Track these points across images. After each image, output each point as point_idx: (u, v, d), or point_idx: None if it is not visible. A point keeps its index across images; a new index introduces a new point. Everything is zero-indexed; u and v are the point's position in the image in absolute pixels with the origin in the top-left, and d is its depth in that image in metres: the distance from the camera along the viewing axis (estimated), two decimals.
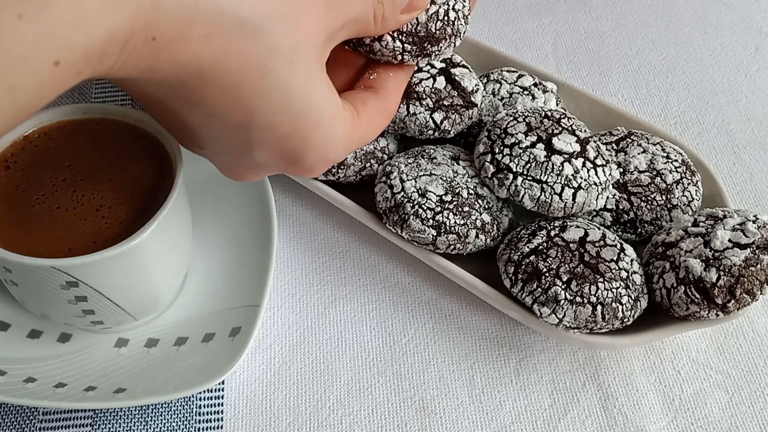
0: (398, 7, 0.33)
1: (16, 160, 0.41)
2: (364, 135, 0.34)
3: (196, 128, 0.29)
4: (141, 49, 0.24)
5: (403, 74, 0.38)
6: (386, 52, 0.36)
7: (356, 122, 0.33)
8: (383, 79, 0.36)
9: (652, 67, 0.68)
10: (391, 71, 0.37)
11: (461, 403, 0.47)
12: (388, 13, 0.32)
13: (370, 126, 0.34)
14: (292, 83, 0.27)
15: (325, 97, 0.29)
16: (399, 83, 0.37)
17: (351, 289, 0.52)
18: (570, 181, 0.47)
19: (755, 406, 0.47)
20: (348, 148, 0.33)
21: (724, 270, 0.43)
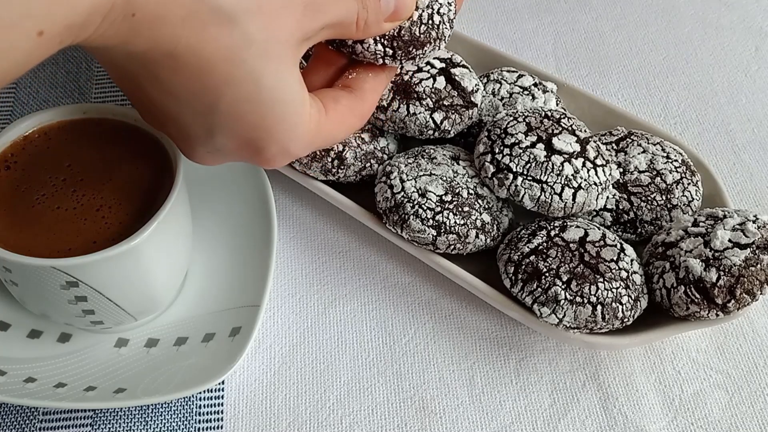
0: (382, 15, 0.33)
1: (16, 160, 0.41)
2: (332, 133, 0.34)
3: (162, 106, 0.30)
4: (120, 23, 0.24)
5: (383, 76, 0.38)
6: (368, 55, 0.36)
7: (324, 120, 0.33)
8: (361, 79, 0.36)
9: (652, 67, 0.68)
10: (370, 72, 0.37)
11: (461, 403, 0.47)
12: (372, 19, 0.32)
13: (339, 125, 0.34)
14: (263, 76, 0.28)
15: (293, 92, 0.30)
16: (377, 85, 0.37)
17: (351, 289, 0.52)
18: (570, 181, 0.47)
19: (755, 406, 0.47)
20: (312, 144, 0.33)
21: (724, 270, 0.43)
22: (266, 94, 0.28)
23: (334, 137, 0.34)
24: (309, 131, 0.32)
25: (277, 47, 0.28)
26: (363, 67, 0.37)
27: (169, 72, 0.27)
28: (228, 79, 0.27)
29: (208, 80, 0.27)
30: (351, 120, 0.35)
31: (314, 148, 0.34)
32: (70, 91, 0.63)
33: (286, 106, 0.30)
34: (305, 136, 0.32)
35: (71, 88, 0.63)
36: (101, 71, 0.65)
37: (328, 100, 0.34)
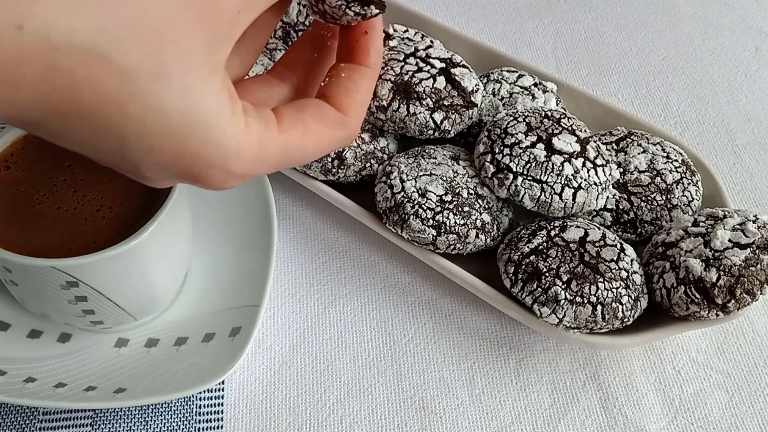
0: None
1: (16, 160, 0.41)
2: (299, 147, 0.29)
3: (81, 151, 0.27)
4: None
5: (361, 74, 0.32)
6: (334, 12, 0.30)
7: (274, 134, 0.28)
8: (335, 84, 0.31)
9: (652, 67, 0.68)
10: (343, 72, 0.32)
11: (461, 403, 0.47)
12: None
13: (306, 137, 0.30)
14: (165, 102, 0.24)
15: (213, 109, 0.26)
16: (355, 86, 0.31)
17: (351, 289, 0.52)
18: (570, 181, 0.47)
19: (755, 406, 0.47)
20: (264, 161, 0.28)
21: (724, 270, 0.43)
22: (177, 121, 0.25)
23: (303, 152, 0.30)
24: (250, 147, 0.27)
25: (175, 66, 0.24)
26: (336, 68, 0.32)
27: (60, 125, 0.24)
28: (122, 119, 0.24)
29: (102, 124, 0.24)
30: (322, 130, 0.30)
31: (274, 165, 0.29)
32: None
33: (209, 128, 0.26)
34: (246, 153, 0.27)
35: None
36: None
37: (288, 110, 0.30)
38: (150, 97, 0.24)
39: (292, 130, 0.29)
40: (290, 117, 0.29)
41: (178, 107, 0.25)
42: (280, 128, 0.29)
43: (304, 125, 0.29)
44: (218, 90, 0.26)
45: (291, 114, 0.30)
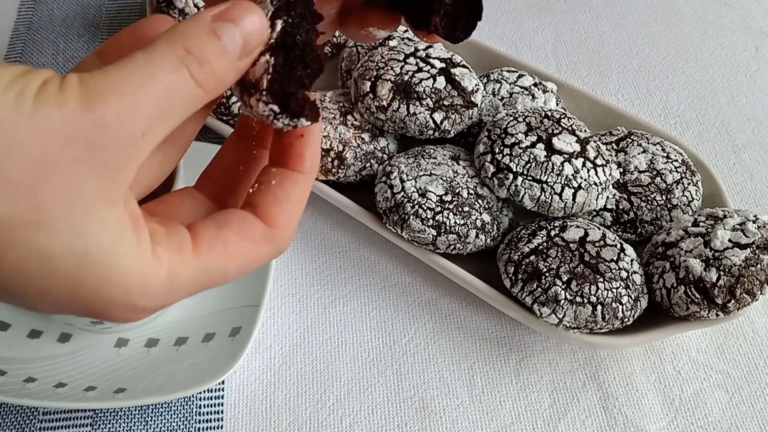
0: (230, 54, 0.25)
1: None
2: (216, 270, 0.26)
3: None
4: None
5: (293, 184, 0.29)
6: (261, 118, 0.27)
7: (187, 261, 0.26)
8: (263, 192, 0.28)
9: (652, 67, 0.68)
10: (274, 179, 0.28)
11: (461, 403, 0.47)
12: (219, 66, 0.24)
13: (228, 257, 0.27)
14: (49, 249, 0.22)
15: (111, 247, 0.23)
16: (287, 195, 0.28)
17: (351, 289, 0.52)
18: (570, 181, 0.47)
19: (755, 406, 0.47)
20: (175, 291, 0.26)
21: (724, 270, 0.43)
22: (66, 266, 0.23)
23: (224, 274, 0.27)
24: (158, 280, 0.25)
25: (60, 209, 0.22)
26: (266, 173, 0.29)
27: None
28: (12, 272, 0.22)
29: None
30: (246, 247, 0.27)
31: (190, 292, 0.27)
32: None
33: (106, 268, 0.23)
34: (154, 287, 0.25)
35: None
36: None
37: (207, 228, 0.27)
38: (30, 245, 0.22)
39: (211, 251, 0.26)
40: (209, 236, 0.26)
41: (66, 252, 0.23)
42: (197, 250, 0.26)
43: (224, 244, 0.26)
44: (117, 223, 0.24)
45: (210, 232, 0.26)
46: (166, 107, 0.23)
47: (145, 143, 0.23)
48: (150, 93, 0.23)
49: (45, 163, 0.21)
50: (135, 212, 0.25)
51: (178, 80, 0.23)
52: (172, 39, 0.24)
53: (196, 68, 0.24)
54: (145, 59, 0.23)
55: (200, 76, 0.24)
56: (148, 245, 0.25)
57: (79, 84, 0.22)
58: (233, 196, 0.31)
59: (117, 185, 0.23)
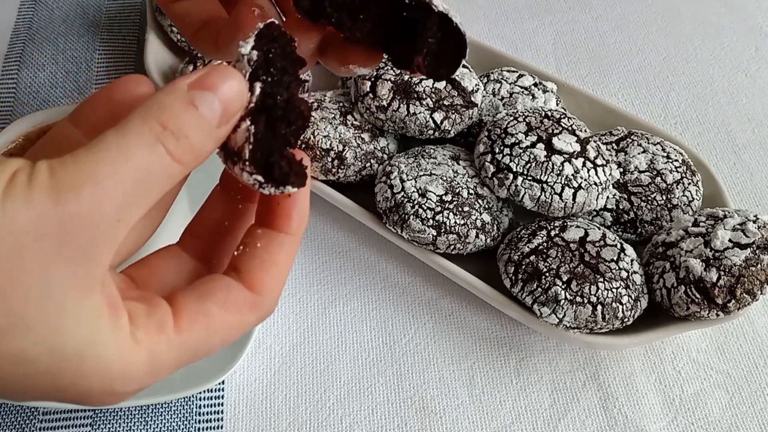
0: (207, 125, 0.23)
1: None
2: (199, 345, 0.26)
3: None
4: None
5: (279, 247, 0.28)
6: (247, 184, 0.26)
7: (168, 339, 0.25)
8: (249, 255, 0.27)
9: (652, 67, 0.68)
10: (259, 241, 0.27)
11: (461, 403, 0.47)
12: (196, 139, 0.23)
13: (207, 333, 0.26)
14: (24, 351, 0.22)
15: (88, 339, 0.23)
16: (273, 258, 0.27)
17: (351, 289, 0.52)
18: (570, 181, 0.47)
19: (755, 406, 0.47)
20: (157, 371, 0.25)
21: (724, 270, 0.43)
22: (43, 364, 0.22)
23: (208, 347, 0.26)
24: (138, 363, 0.24)
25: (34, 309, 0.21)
26: (251, 234, 0.28)
27: None
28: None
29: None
30: (230, 318, 0.26)
31: (173, 369, 0.26)
32: (70, 91, 0.63)
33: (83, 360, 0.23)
34: (134, 371, 0.24)
35: (71, 88, 0.63)
36: (101, 71, 0.65)
37: (189, 300, 0.26)
38: (4, 350, 0.22)
39: (193, 326, 0.25)
40: (191, 310, 0.26)
41: (42, 352, 0.22)
42: (178, 327, 0.25)
43: (207, 318, 0.26)
44: (93, 312, 0.23)
45: (192, 306, 0.26)
46: (142, 189, 0.22)
47: (120, 227, 0.22)
48: (124, 177, 0.22)
49: (15, 264, 0.21)
50: (112, 296, 0.24)
51: (153, 159, 0.22)
52: (147, 114, 0.23)
53: (173, 144, 0.23)
54: (117, 140, 0.22)
55: (177, 151, 0.23)
56: (126, 330, 0.24)
57: (49, 175, 0.21)
58: (219, 254, 0.30)
59: (92, 274, 0.22)
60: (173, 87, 0.23)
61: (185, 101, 0.23)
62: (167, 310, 0.25)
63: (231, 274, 0.27)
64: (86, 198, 0.21)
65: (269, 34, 0.25)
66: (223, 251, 0.30)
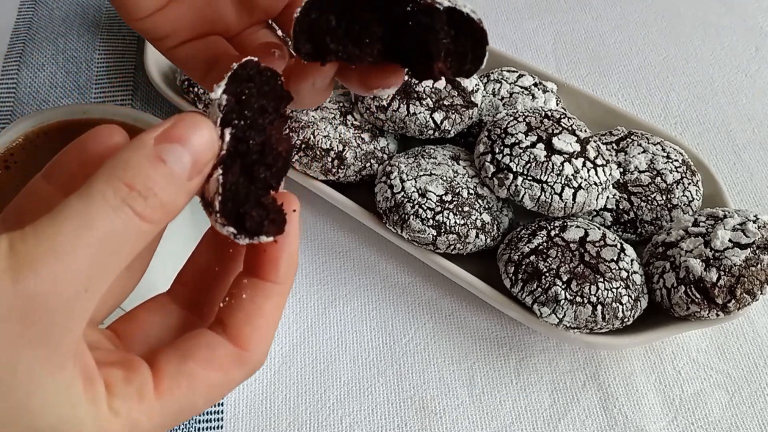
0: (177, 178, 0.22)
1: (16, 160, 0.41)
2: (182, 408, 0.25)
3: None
4: None
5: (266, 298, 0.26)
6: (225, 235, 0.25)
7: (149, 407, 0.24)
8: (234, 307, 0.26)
9: (652, 67, 0.68)
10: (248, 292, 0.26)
11: (461, 403, 0.47)
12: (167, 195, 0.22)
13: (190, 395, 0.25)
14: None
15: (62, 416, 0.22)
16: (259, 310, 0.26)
17: (351, 289, 0.52)
18: (570, 181, 0.47)
19: (755, 406, 0.47)
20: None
21: (724, 270, 0.43)
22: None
23: (192, 409, 0.25)
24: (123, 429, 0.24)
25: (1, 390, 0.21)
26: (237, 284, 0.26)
27: None
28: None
29: None
30: (214, 377, 0.25)
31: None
32: (70, 91, 0.63)
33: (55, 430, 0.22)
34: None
35: (71, 88, 0.63)
36: (101, 71, 0.65)
37: (170, 362, 0.25)
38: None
39: (175, 389, 0.24)
40: (172, 372, 0.25)
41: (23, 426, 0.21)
42: (159, 392, 0.24)
43: (189, 379, 0.25)
44: (66, 388, 0.22)
45: (173, 367, 0.25)
46: (109, 255, 0.21)
47: (89, 297, 0.21)
48: (87, 247, 0.21)
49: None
50: (87, 366, 0.23)
51: (119, 223, 0.21)
52: (111, 174, 0.21)
53: (141, 204, 0.22)
54: (80, 207, 0.21)
55: (146, 211, 0.22)
56: (103, 401, 0.23)
57: (9, 252, 0.20)
58: (209, 302, 0.28)
59: (61, 350, 0.21)
60: (138, 142, 0.22)
61: (151, 157, 0.22)
62: (147, 374, 0.24)
63: (216, 328, 0.26)
64: (46, 275, 0.20)
65: (244, 73, 0.24)
66: (212, 299, 0.28)
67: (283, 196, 0.26)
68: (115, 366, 0.24)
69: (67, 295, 0.21)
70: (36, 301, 0.20)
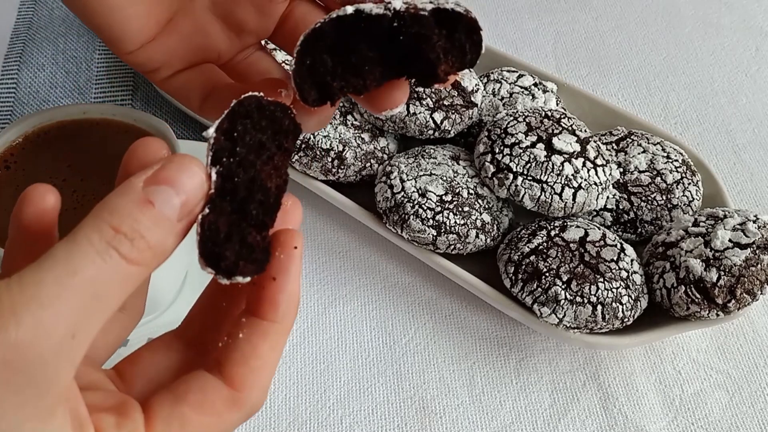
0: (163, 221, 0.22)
1: (16, 160, 0.41)
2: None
3: None
4: None
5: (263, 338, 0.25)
6: None
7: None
8: (231, 349, 0.25)
9: (652, 67, 0.68)
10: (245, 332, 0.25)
11: (461, 403, 0.47)
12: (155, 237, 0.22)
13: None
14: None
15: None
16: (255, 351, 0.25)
17: (351, 289, 0.52)
18: (570, 181, 0.47)
19: (755, 406, 0.47)
20: None
21: (724, 270, 0.43)
22: None
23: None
24: None
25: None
26: (236, 323, 0.26)
27: None
28: None
29: None
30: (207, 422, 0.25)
31: None
32: (70, 91, 0.63)
33: None
34: None
35: (71, 88, 0.63)
36: (101, 71, 0.65)
37: (162, 407, 0.25)
38: None
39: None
40: (165, 415, 0.24)
41: None
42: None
43: (181, 423, 0.24)
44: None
45: (166, 411, 0.24)
46: (96, 301, 0.21)
47: (77, 343, 0.21)
48: (72, 294, 0.20)
49: None
50: (78, 414, 0.23)
51: (105, 268, 0.21)
52: (97, 219, 0.21)
53: (127, 247, 0.21)
54: (65, 253, 0.21)
55: (132, 254, 0.21)
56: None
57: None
58: (212, 340, 0.27)
59: (48, 398, 0.21)
60: (127, 186, 0.22)
61: (139, 200, 0.22)
62: (139, 420, 0.24)
63: (213, 370, 0.25)
64: (29, 324, 0.20)
65: (242, 110, 0.24)
66: (216, 337, 0.28)
67: (285, 233, 0.25)
68: (108, 412, 0.24)
69: (52, 342, 0.20)
70: (19, 350, 0.20)
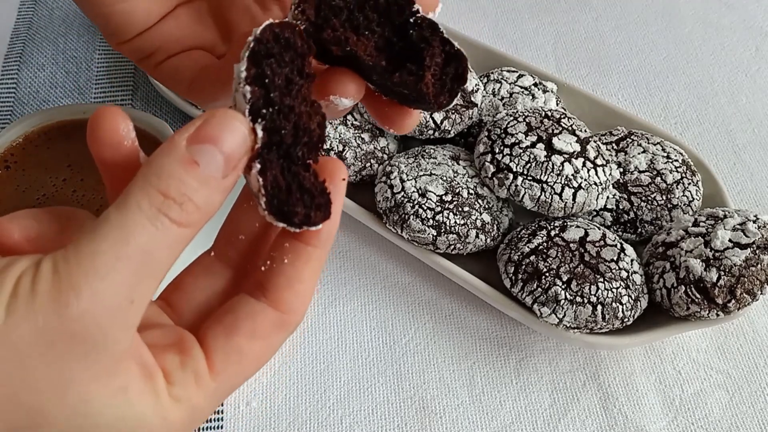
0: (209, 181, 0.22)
1: (16, 160, 0.41)
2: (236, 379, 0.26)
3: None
4: None
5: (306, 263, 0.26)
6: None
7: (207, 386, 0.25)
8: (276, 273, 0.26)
9: (652, 67, 0.68)
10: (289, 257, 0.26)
11: (461, 403, 0.47)
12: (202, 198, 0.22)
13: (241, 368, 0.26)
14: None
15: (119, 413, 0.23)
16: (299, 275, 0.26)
17: (351, 289, 0.52)
18: (570, 181, 0.47)
19: (756, 406, 0.47)
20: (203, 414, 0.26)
21: (724, 270, 0.43)
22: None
23: (244, 376, 0.27)
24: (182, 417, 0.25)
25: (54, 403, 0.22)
26: (278, 247, 0.26)
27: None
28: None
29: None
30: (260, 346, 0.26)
31: (216, 406, 0.27)
32: (70, 91, 0.63)
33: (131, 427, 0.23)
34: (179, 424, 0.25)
35: (71, 88, 0.63)
36: (101, 71, 0.65)
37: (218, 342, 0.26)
38: None
39: (227, 366, 0.26)
40: (221, 349, 0.26)
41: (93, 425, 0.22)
42: (213, 372, 0.25)
43: (239, 354, 0.26)
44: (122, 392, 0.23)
45: (221, 344, 0.26)
46: (150, 266, 0.22)
47: (135, 307, 0.22)
48: (127, 262, 0.21)
49: (28, 373, 0.21)
50: (146, 364, 0.24)
51: (157, 234, 0.22)
52: (145, 183, 0.22)
53: (176, 212, 0.22)
54: (117, 221, 0.21)
55: (182, 217, 0.22)
56: (164, 392, 0.24)
57: (52, 275, 0.21)
58: (253, 262, 0.29)
59: (109, 361, 0.22)
60: (170, 146, 0.22)
61: (184, 161, 0.22)
62: (200, 355, 0.25)
63: (256, 293, 0.26)
64: (88, 295, 0.21)
65: (263, 48, 0.23)
66: (257, 260, 0.28)
67: (333, 164, 0.26)
68: (170, 350, 0.25)
69: (110, 311, 0.21)
70: (80, 322, 0.21)
